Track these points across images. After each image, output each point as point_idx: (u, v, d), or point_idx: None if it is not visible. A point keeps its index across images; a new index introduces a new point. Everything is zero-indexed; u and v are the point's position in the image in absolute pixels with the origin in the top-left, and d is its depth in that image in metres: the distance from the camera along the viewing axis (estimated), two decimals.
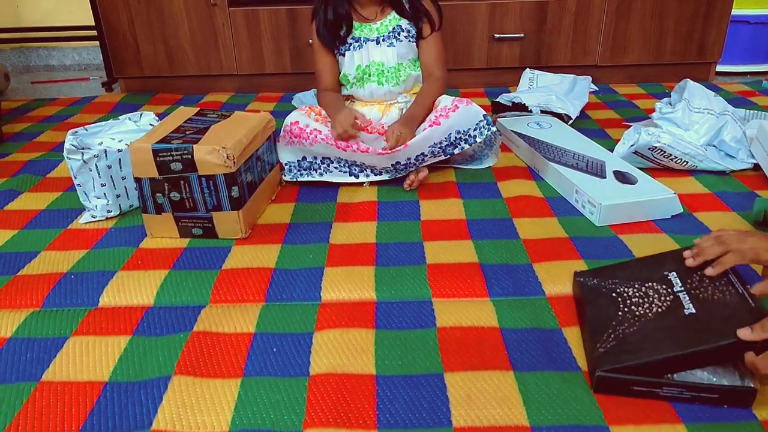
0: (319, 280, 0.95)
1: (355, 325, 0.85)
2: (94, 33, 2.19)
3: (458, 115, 1.22)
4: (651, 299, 0.77)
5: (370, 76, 1.35)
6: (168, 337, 0.84)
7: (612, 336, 0.73)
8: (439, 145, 1.23)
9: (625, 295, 0.80)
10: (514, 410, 0.70)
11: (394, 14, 1.35)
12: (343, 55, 1.35)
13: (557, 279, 0.94)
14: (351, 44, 1.34)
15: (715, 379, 0.69)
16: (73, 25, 2.44)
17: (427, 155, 1.23)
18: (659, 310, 0.74)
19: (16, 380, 0.77)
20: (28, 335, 0.85)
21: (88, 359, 0.80)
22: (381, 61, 1.34)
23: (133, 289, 0.94)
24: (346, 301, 0.91)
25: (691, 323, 0.70)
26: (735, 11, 2.02)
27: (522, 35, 2.00)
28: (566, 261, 0.99)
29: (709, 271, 0.78)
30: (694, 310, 0.72)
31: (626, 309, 0.77)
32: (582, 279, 0.88)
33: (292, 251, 1.05)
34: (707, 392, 0.68)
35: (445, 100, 1.27)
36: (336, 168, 1.28)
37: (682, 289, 0.76)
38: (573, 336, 0.82)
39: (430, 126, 1.22)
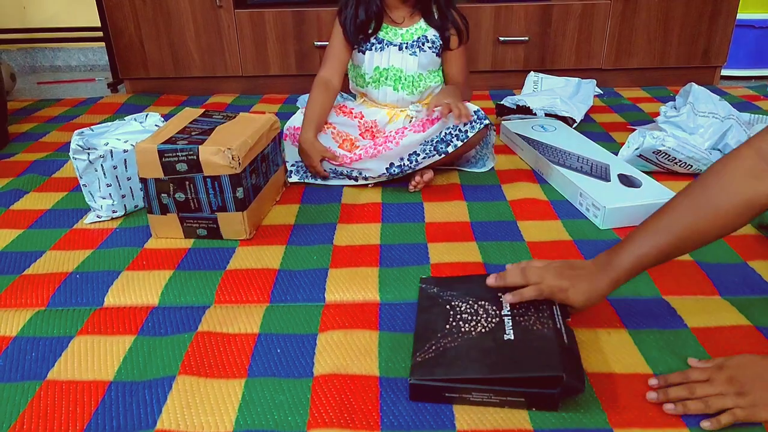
0: (323, 282, 0.96)
1: (359, 327, 0.85)
2: (100, 34, 2.20)
3: (449, 117, 1.22)
4: (479, 318, 0.79)
5: (386, 79, 1.34)
6: (172, 337, 0.84)
7: (433, 347, 0.75)
8: (431, 143, 1.22)
9: (457, 309, 0.82)
10: (518, 413, 0.70)
11: (421, 23, 1.33)
12: (363, 53, 1.34)
13: None
14: (373, 44, 1.32)
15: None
16: (80, 26, 2.45)
17: (420, 154, 1.23)
18: (483, 330, 0.76)
19: (22, 379, 0.77)
20: (33, 334, 0.85)
21: (92, 359, 0.80)
22: (400, 67, 1.32)
23: (138, 289, 0.95)
24: (350, 303, 0.91)
25: (504, 349, 0.72)
26: (740, 15, 2.01)
27: (527, 38, 2.00)
28: None
29: (507, 298, 0.79)
30: (512, 337, 0.74)
31: (454, 323, 0.79)
32: (424, 285, 0.89)
33: (297, 252, 1.05)
34: (514, 396, 0.70)
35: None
36: (333, 174, 1.31)
37: (509, 313, 0.78)
38: (577, 338, 0.81)
39: (423, 128, 1.23)
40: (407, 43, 1.31)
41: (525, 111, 1.64)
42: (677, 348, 0.79)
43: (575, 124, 1.60)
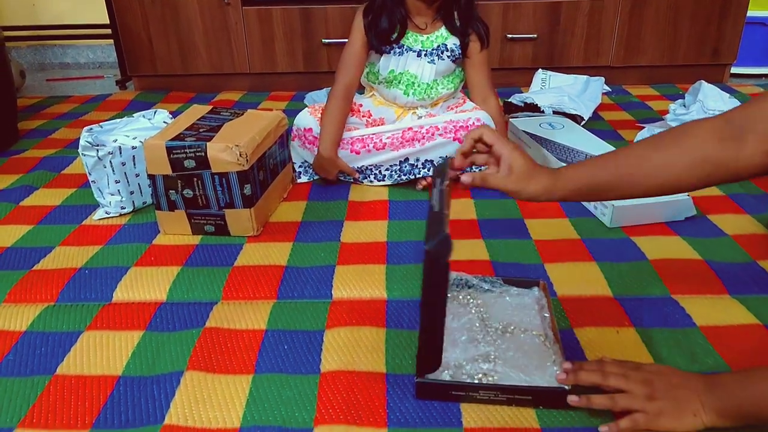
0: (330, 278, 0.96)
1: (366, 324, 0.85)
2: (109, 31, 2.20)
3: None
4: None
5: (399, 83, 1.31)
6: (180, 332, 0.84)
7: None
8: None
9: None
10: (525, 412, 0.69)
11: (442, 30, 1.29)
12: (381, 54, 1.30)
13: (569, 280, 0.94)
14: (392, 48, 1.28)
15: (529, 380, 0.70)
16: (88, 23, 2.46)
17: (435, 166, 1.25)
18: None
19: (31, 373, 0.78)
20: (42, 329, 0.86)
21: (101, 353, 0.81)
22: (415, 73, 1.29)
23: (146, 285, 0.95)
24: (357, 300, 0.92)
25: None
26: (750, 13, 2.00)
27: (535, 36, 1.99)
28: (578, 262, 0.99)
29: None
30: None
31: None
32: None
33: (304, 249, 1.05)
34: (521, 394, 0.69)
35: (485, 118, 1.24)
36: (341, 176, 1.30)
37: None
38: (584, 336, 0.81)
39: (454, 139, 1.22)
40: (427, 51, 1.28)
41: (533, 108, 1.63)
42: (686, 346, 0.79)
43: (583, 122, 1.59)
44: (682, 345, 0.79)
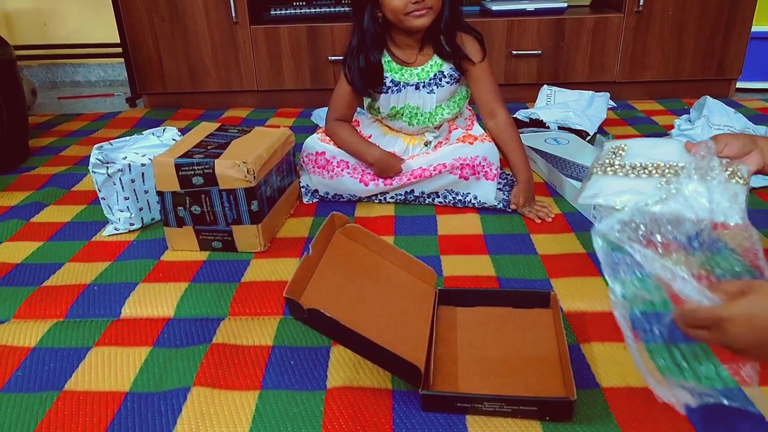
0: None
1: None
2: (120, 50, 2.24)
3: (485, 185, 1.23)
4: None
5: (402, 116, 1.29)
6: (188, 348, 0.85)
7: None
8: (452, 194, 1.26)
9: None
10: (531, 428, 0.69)
11: (435, 59, 1.25)
12: (379, 94, 1.28)
13: (575, 295, 0.94)
14: (389, 88, 1.26)
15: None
16: (99, 42, 2.50)
17: (439, 197, 1.28)
18: None
19: (40, 389, 0.78)
20: (51, 345, 0.87)
21: (109, 369, 0.81)
22: (416, 105, 1.27)
23: (154, 301, 0.96)
24: None
25: None
26: (755, 28, 2.00)
27: (539, 52, 2.01)
28: (584, 277, 0.99)
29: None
30: None
31: None
32: None
33: None
34: (526, 405, 0.70)
35: (490, 154, 1.23)
36: (351, 196, 1.31)
37: None
38: (591, 352, 0.81)
39: (459, 176, 1.23)
40: (424, 82, 1.25)
41: (538, 124, 1.64)
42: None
43: (588, 137, 1.60)
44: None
